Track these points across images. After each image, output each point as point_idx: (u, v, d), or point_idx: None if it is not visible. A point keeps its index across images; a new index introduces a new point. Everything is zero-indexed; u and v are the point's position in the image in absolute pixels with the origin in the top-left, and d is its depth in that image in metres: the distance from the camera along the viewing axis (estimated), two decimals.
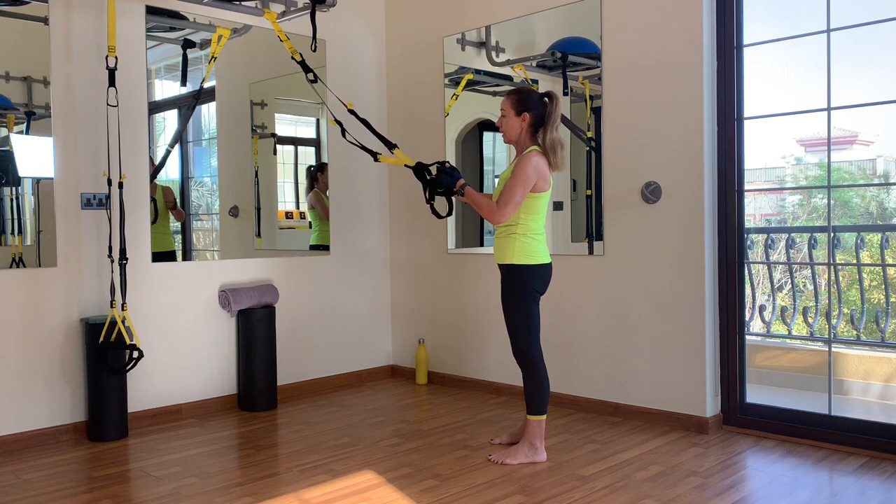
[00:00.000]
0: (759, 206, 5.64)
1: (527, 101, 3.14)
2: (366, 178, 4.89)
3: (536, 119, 3.14)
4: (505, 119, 3.19)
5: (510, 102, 3.17)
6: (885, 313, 3.96)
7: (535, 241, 3.15)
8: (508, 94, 3.20)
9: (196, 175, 4.20)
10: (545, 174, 3.11)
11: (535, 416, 3.15)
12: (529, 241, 3.14)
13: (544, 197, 3.15)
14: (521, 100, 3.15)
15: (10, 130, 3.45)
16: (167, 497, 2.80)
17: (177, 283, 3.97)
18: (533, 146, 3.14)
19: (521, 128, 3.15)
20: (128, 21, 3.77)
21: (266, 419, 3.96)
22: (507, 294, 3.18)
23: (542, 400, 3.15)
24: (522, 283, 3.14)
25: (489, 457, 3.19)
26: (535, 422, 3.15)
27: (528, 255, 3.13)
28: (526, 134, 3.16)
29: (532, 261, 3.14)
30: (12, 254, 3.44)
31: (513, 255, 3.14)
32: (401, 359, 5.01)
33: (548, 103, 3.13)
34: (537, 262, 3.15)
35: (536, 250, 3.15)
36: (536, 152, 3.11)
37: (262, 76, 4.40)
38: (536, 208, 3.14)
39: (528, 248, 3.13)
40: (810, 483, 2.89)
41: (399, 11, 4.92)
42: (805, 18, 3.37)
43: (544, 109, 3.13)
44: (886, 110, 3.26)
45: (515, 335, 3.18)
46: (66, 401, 3.58)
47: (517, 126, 3.16)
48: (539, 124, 3.15)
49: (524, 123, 3.14)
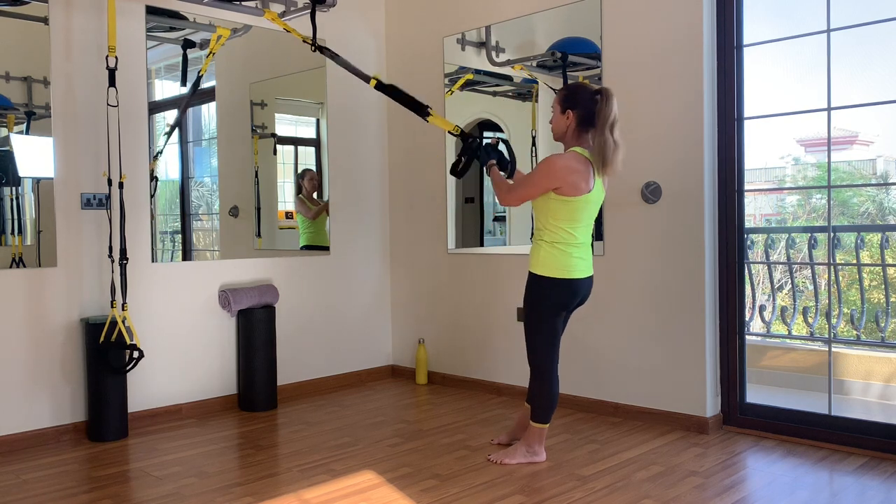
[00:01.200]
0: (759, 206, 5.64)
1: (573, 98, 2.97)
2: (366, 178, 4.89)
3: (584, 117, 2.94)
4: (554, 117, 3.05)
5: (557, 98, 3.01)
6: (885, 313, 3.96)
7: (563, 253, 2.95)
8: (559, 90, 3.07)
9: (196, 175, 4.20)
10: (575, 178, 2.88)
11: (538, 424, 3.11)
12: (557, 253, 2.96)
13: (577, 202, 2.91)
14: (568, 96, 2.98)
15: (10, 130, 3.45)
16: (167, 497, 2.80)
17: (177, 283, 3.97)
18: (576, 147, 2.98)
19: (566, 126, 2.99)
20: (128, 21, 3.77)
21: (266, 419, 3.96)
22: (525, 303, 3.07)
23: (545, 410, 3.09)
24: (540, 295, 3.01)
25: (488, 457, 3.18)
26: (537, 428, 3.12)
27: (551, 267, 2.96)
28: (573, 133, 2.99)
29: (556, 273, 2.96)
30: (12, 254, 3.44)
31: (536, 264, 3.01)
32: (401, 359, 5.01)
33: (599, 100, 2.91)
34: (562, 276, 2.96)
35: (563, 263, 2.95)
36: (573, 154, 2.93)
37: (262, 76, 4.40)
38: (566, 214, 2.93)
39: (553, 260, 2.96)
40: (810, 483, 2.89)
41: (399, 11, 4.92)
42: (805, 18, 3.37)
43: (595, 107, 2.91)
44: (886, 110, 3.26)
45: (531, 345, 3.09)
46: (66, 401, 3.58)
47: (563, 124, 3.00)
48: (588, 123, 2.94)
49: (570, 121, 2.97)
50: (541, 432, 3.13)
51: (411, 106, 3.41)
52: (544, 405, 3.09)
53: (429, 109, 3.38)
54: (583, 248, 3.02)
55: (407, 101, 3.42)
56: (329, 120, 4.66)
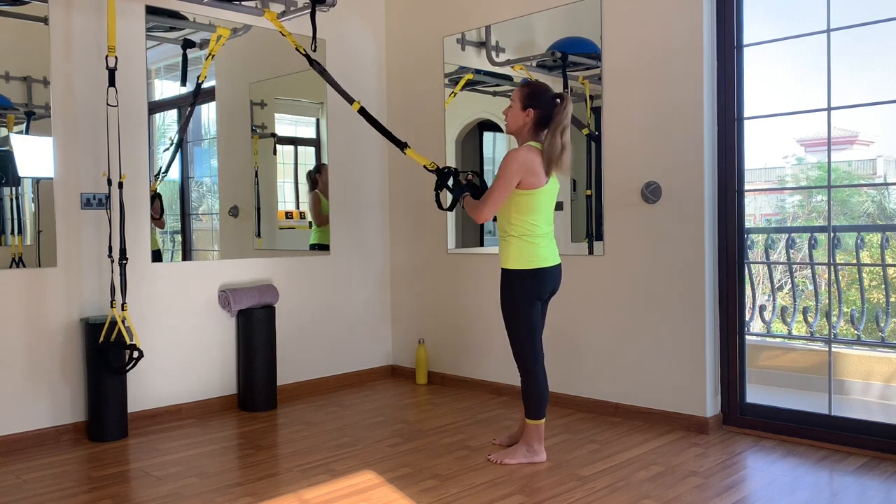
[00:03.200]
0: (759, 206, 5.64)
1: (535, 98, 3.06)
2: (366, 179, 4.89)
3: (542, 117, 3.05)
4: (511, 109, 3.13)
5: (520, 94, 3.10)
6: (885, 313, 3.96)
7: (531, 245, 3.06)
8: (521, 86, 3.14)
9: (196, 175, 4.20)
10: (534, 169, 2.99)
11: (534, 421, 3.13)
12: (525, 245, 3.06)
13: (537, 194, 3.03)
14: (531, 94, 3.07)
15: (10, 130, 3.45)
16: (167, 497, 2.80)
17: (177, 283, 3.97)
18: (531, 142, 3.09)
19: (524, 122, 3.08)
20: (128, 21, 3.77)
21: (266, 419, 3.96)
22: (505, 299, 3.12)
23: (540, 405, 3.12)
24: (519, 288, 3.08)
25: (489, 457, 3.18)
26: (533, 426, 3.13)
27: (524, 260, 3.06)
28: (529, 130, 3.09)
29: (529, 265, 3.06)
30: (12, 254, 3.44)
31: (507, 259, 3.09)
32: (401, 359, 5.01)
33: (558, 104, 3.03)
34: (536, 267, 3.06)
35: (535, 254, 3.06)
36: (527, 147, 3.04)
37: (262, 76, 4.40)
38: (529, 207, 3.04)
39: (524, 252, 3.06)
40: (810, 483, 2.89)
41: (399, 11, 4.92)
42: (805, 18, 3.37)
43: (553, 109, 3.04)
44: (886, 110, 3.26)
45: (514, 341, 3.14)
46: (66, 401, 3.58)
47: (520, 119, 3.09)
48: (544, 124, 3.06)
49: (528, 119, 3.07)
50: (538, 429, 3.13)
51: (390, 138, 3.52)
52: (536, 400, 3.12)
53: (406, 144, 3.49)
54: (547, 237, 3.13)
55: (385, 134, 3.53)
56: (329, 120, 4.66)
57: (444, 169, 3.33)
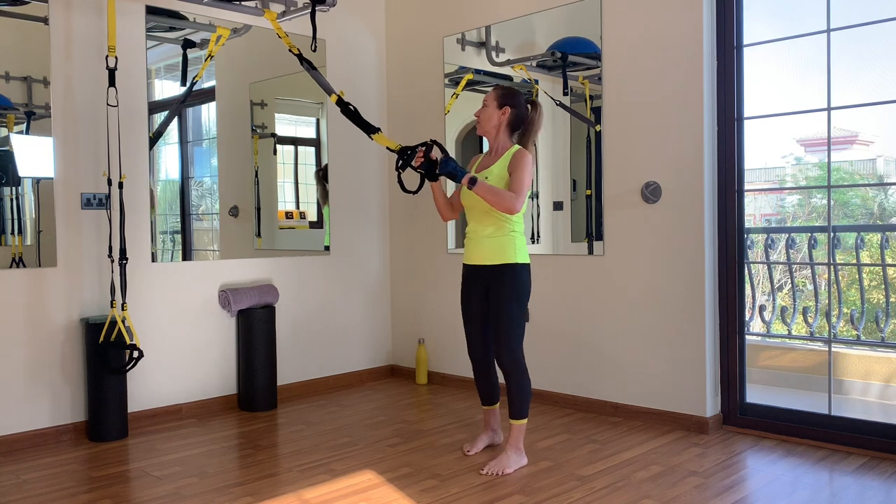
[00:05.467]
0: (759, 206, 5.63)
1: (511, 98, 3.12)
2: (366, 178, 4.89)
3: (516, 119, 3.12)
4: (484, 109, 3.16)
5: (495, 94, 3.15)
6: (885, 313, 3.96)
7: (523, 239, 3.14)
8: (494, 88, 3.20)
9: (196, 175, 4.20)
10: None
11: (521, 421, 3.09)
12: (522, 240, 3.13)
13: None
14: (507, 94, 3.13)
15: (10, 130, 3.45)
16: (167, 497, 2.80)
17: (177, 283, 3.97)
18: (518, 146, 3.12)
19: (499, 121, 3.12)
20: (128, 21, 3.77)
21: (266, 419, 3.96)
22: (511, 296, 3.05)
23: (528, 403, 3.11)
24: (528, 282, 3.12)
25: (481, 471, 3.02)
26: (521, 426, 3.10)
27: (525, 254, 3.13)
28: (503, 131, 3.13)
29: (528, 259, 3.14)
30: (12, 254, 3.44)
31: (514, 253, 3.08)
32: (401, 359, 5.01)
33: (531, 108, 3.14)
34: (529, 261, 3.15)
35: (526, 248, 3.16)
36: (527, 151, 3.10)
37: (262, 76, 4.40)
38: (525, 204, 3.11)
39: (523, 247, 3.13)
40: (810, 483, 2.89)
41: (399, 11, 4.92)
42: (805, 18, 3.37)
43: (527, 114, 3.13)
44: (886, 110, 3.26)
45: (512, 338, 3.06)
46: (66, 401, 3.58)
47: (495, 118, 3.13)
48: (517, 127, 3.15)
49: (503, 118, 3.11)
50: (524, 428, 3.12)
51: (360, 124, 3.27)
52: (528, 398, 3.11)
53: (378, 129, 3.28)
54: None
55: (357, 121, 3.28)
56: (329, 120, 4.66)
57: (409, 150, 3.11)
